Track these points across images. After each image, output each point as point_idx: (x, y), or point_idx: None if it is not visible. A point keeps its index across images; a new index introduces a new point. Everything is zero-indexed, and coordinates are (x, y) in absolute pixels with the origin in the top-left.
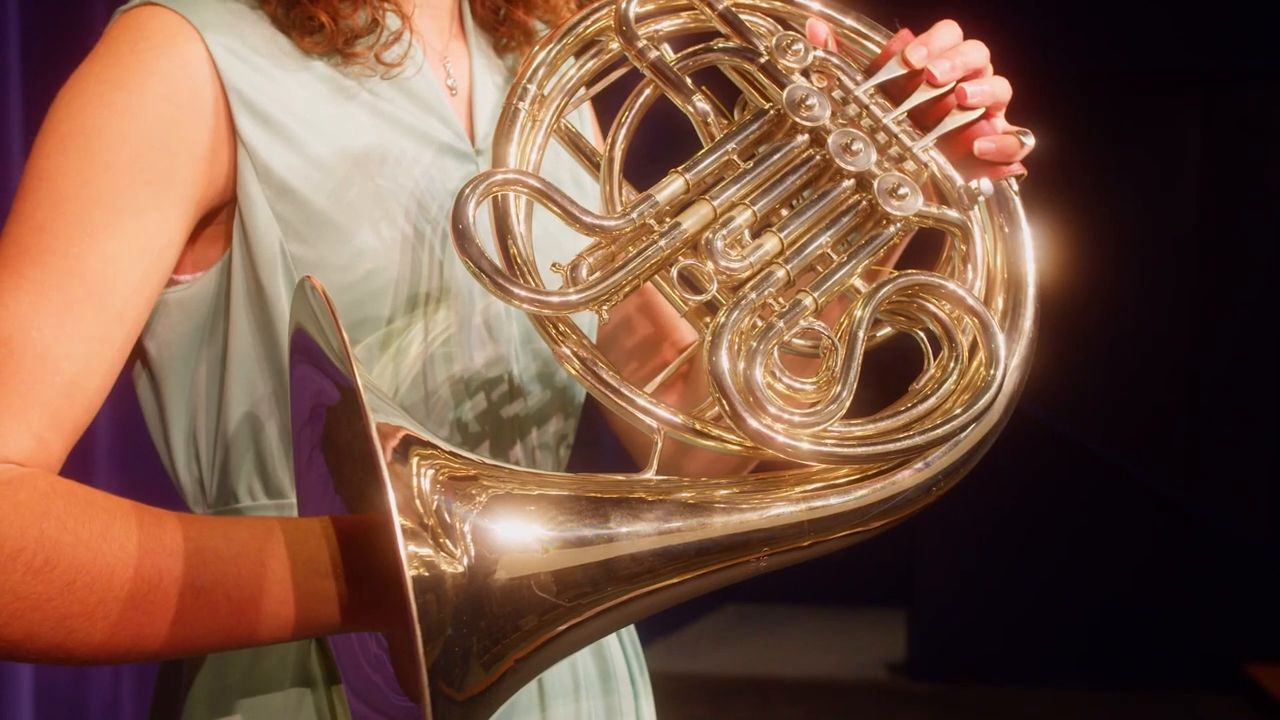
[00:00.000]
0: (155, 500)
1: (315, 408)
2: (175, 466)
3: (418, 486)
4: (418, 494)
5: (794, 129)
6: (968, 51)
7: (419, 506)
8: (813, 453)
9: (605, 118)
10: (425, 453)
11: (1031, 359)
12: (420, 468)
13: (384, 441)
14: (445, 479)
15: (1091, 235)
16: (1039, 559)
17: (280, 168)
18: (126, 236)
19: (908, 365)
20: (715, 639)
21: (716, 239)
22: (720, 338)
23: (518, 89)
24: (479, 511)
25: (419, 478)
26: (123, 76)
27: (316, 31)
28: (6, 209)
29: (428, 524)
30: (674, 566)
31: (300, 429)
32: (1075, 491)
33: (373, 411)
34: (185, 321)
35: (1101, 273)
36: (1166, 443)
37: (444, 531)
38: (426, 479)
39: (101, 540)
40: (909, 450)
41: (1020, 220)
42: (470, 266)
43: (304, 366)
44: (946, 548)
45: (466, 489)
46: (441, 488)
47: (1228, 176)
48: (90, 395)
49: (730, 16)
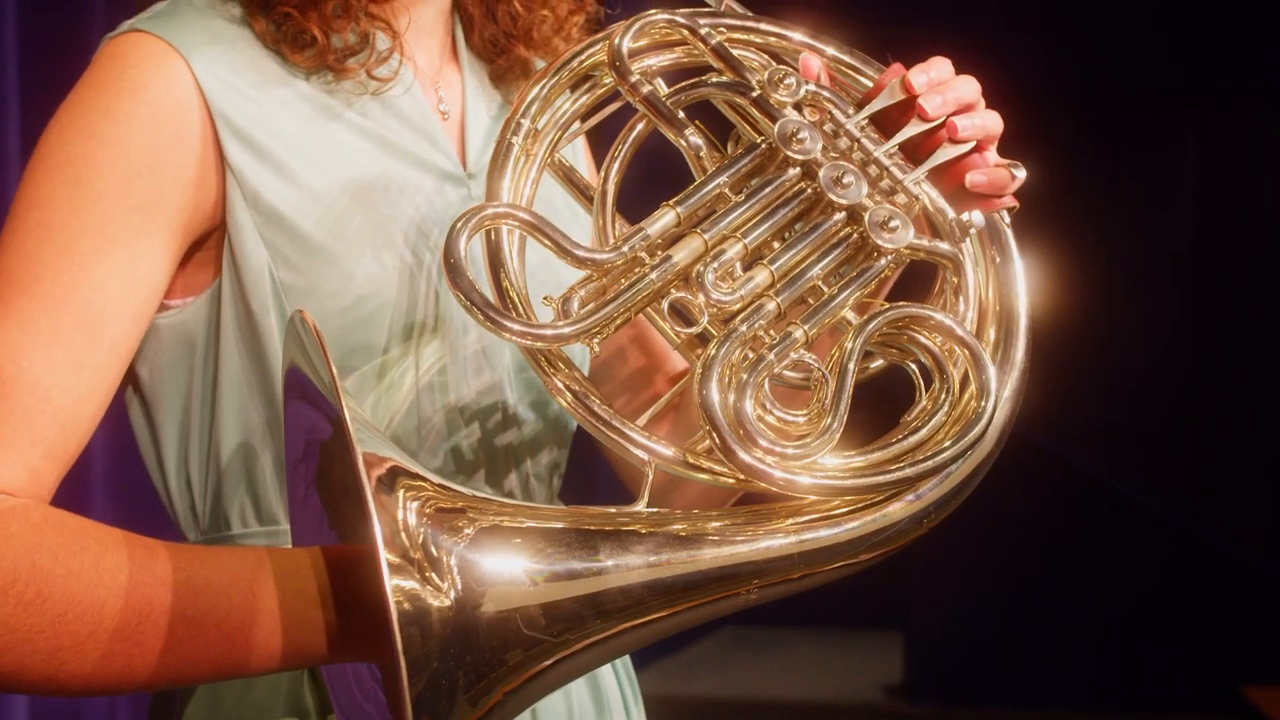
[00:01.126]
0: (151, 523)
1: (309, 445)
2: (168, 492)
3: (404, 519)
4: (404, 526)
5: (786, 162)
6: (959, 86)
7: (405, 539)
8: (802, 485)
9: (600, 150)
10: (413, 485)
11: (1024, 390)
12: (407, 500)
13: (371, 473)
14: (433, 511)
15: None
16: (1036, 581)
17: (269, 194)
18: (115, 265)
19: (909, 391)
20: (711, 662)
21: (707, 272)
22: (710, 370)
23: (511, 124)
24: (466, 544)
25: (405, 510)
26: (109, 105)
27: (308, 46)
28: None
29: (414, 557)
30: (663, 599)
31: (295, 466)
32: (1073, 513)
33: (359, 443)
34: (176, 346)
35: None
36: (1164, 464)
37: (430, 564)
38: (413, 511)
39: (93, 572)
40: (899, 482)
41: (1012, 252)
42: (462, 300)
43: (297, 403)
44: (943, 570)
45: (454, 521)
46: (428, 520)
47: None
48: (81, 424)
49: (723, 51)
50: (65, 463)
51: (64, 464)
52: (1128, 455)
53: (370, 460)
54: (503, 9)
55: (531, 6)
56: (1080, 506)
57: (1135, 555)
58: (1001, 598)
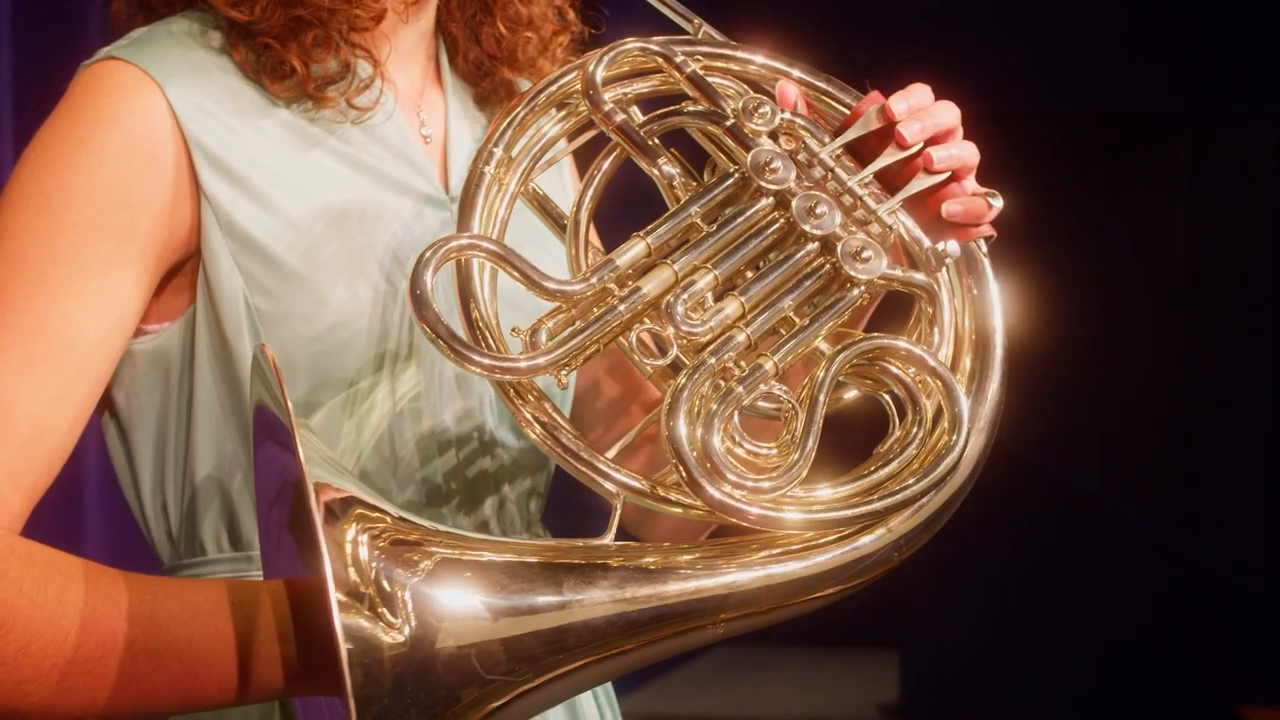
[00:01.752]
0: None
1: (281, 487)
2: (145, 516)
3: (356, 553)
4: (355, 560)
5: (759, 192)
6: (938, 113)
7: (356, 573)
8: (770, 519)
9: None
10: (370, 517)
11: (998, 421)
12: (361, 533)
13: (322, 503)
14: (387, 544)
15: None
16: (1033, 600)
17: (244, 221)
18: (89, 294)
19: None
20: (706, 681)
21: (677, 303)
22: (678, 403)
23: (483, 153)
24: (421, 578)
25: (358, 543)
26: (84, 134)
27: (288, 77)
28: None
29: (365, 592)
30: (628, 634)
31: (268, 510)
32: (1070, 532)
33: (311, 473)
34: (151, 371)
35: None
36: (1160, 484)
37: (383, 599)
38: (366, 545)
39: (57, 604)
40: (869, 515)
41: (989, 282)
42: (427, 332)
43: (268, 445)
44: (939, 588)
45: (409, 555)
46: (383, 554)
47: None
48: (52, 454)
49: (697, 80)
50: (34, 492)
51: (33, 493)
52: (1125, 475)
53: (323, 491)
54: (486, 31)
55: (515, 28)
56: (1078, 526)
57: (1133, 575)
58: (999, 617)
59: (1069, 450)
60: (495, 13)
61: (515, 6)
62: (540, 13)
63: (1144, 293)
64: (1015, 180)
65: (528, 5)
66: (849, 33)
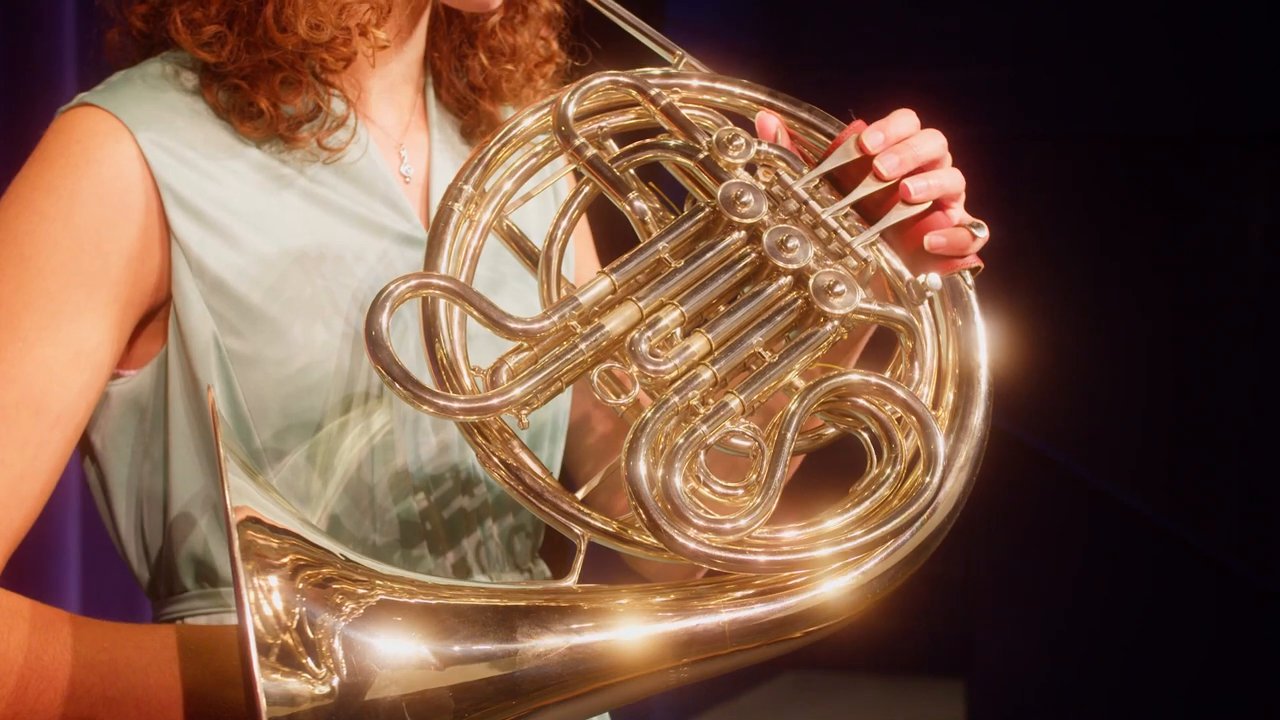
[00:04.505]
0: None
1: None
2: (126, 556)
3: (283, 596)
4: (279, 604)
5: (730, 226)
6: (919, 144)
7: (277, 619)
8: (732, 561)
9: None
10: (308, 557)
11: (980, 458)
12: (294, 577)
13: (248, 542)
14: (321, 588)
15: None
16: (1102, 630)
17: (214, 263)
18: (62, 340)
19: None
20: (773, 707)
21: (641, 340)
22: (638, 443)
23: (453, 190)
24: (355, 623)
25: (286, 587)
26: (54, 181)
27: (257, 117)
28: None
29: (283, 640)
30: (585, 679)
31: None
32: (1141, 563)
33: (236, 517)
34: (126, 414)
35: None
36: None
37: (307, 648)
38: (296, 589)
39: (19, 653)
40: (838, 556)
41: (974, 314)
42: (382, 374)
43: None
44: (1006, 617)
45: (344, 599)
46: (312, 598)
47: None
48: (26, 502)
49: (672, 112)
50: (11, 540)
51: (9, 541)
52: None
53: (248, 530)
54: (470, 62)
55: (498, 59)
56: (1150, 557)
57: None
58: (1065, 646)
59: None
60: (479, 44)
61: (499, 37)
62: (525, 43)
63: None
64: (1097, 204)
65: (512, 35)
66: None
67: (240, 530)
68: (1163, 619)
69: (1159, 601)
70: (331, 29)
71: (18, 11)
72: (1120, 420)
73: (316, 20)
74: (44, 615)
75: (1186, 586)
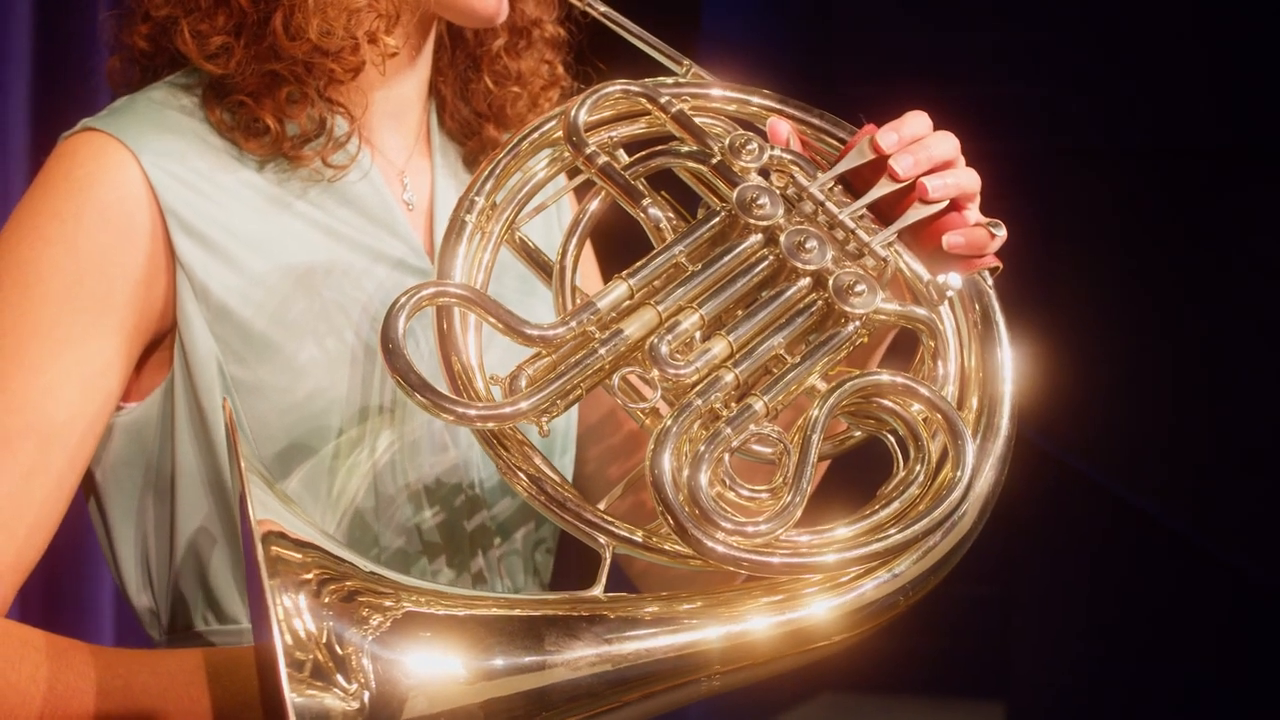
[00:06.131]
0: None
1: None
2: (128, 592)
3: (309, 614)
4: (307, 622)
5: (746, 229)
6: (934, 144)
7: (305, 637)
8: (761, 564)
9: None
10: (333, 572)
11: (1009, 456)
12: (319, 592)
13: (274, 558)
14: (348, 603)
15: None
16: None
17: (218, 288)
18: (66, 366)
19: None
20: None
21: (661, 344)
22: (662, 447)
23: (465, 201)
24: (384, 639)
25: (313, 604)
26: (58, 207)
27: (262, 134)
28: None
29: (313, 657)
30: (616, 690)
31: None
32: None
33: (261, 525)
34: (129, 445)
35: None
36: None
37: (336, 664)
38: (323, 605)
39: (30, 683)
40: (868, 558)
41: (995, 314)
42: (400, 383)
43: None
44: (1044, 636)
45: (372, 614)
46: (339, 614)
47: None
48: (35, 532)
49: (683, 119)
50: (20, 570)
51: (18, 572)
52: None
53: (273, 545)
54: (475, 87)
55: (503, 83)
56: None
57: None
58: (1105, 667)
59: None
60: (483, 68)
61: (504, 61)
62: (530, 68)
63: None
64: (1132, 218)
65: (517, 60)
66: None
67: (265, 544)
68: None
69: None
70: (341, 36)
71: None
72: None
73: (327, 27)
74: (57, 645)
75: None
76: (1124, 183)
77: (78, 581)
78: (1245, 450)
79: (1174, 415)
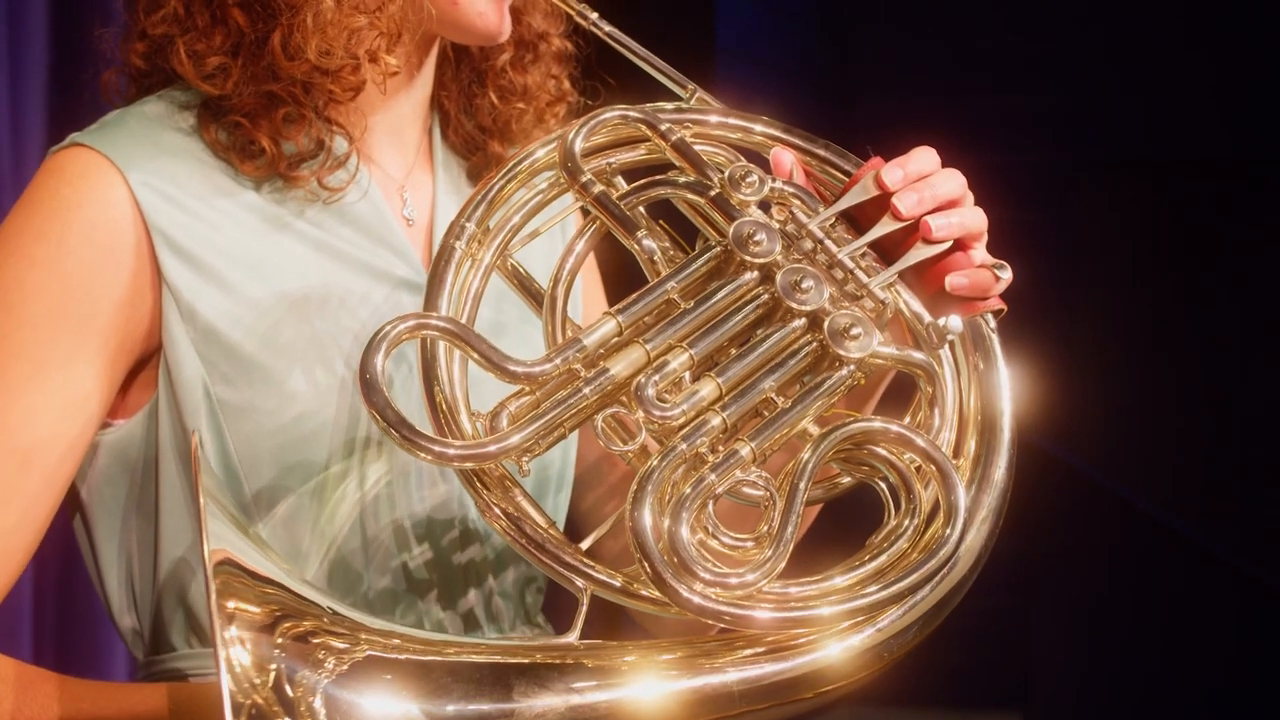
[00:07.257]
0: None
1: None
2: (112, 612)
3: (258, 655)
4: (256, 662)
5: (742, 266)
6: (940, 182)
7: (255, 675)
8: (740, 617)
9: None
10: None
11: (1003, 509)
12: (274, 630)
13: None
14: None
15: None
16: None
17: (206, 309)
18: (49, 389)
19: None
20: None
21: (648, 385)
22: (643, 492)
23: (454, 227)
24: (339, 681)
25: (266, 641)
26: (43, 226)
27: (257, 156)
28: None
29: (257, 700)
30: None
31: None
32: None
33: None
34: (113, 464)
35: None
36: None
37: (284, 707)
38: (277, 644)
39: (6, 717)
40: (853, 612)
41: (997, 359)
42: (377, 419)
43: None
44: (1064, 647)
45: (327, 655)
46: (292, 654)
47: None
48: (12, 556)
49: (683, 148)
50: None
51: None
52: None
53: (228, 577)
54: (480, 102)
55: (508, 98)
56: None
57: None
58: (1125, 678)
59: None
60: (488, 83)
61: (509, 76)
62: (536, 82)
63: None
64: (1148, 231)
65: (523, 75)
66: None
67: (217, 573)
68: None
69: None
70: (341, 56)
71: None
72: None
73: (326, 46)
74: (25, 675)
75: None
76: (1136, 194)
77: (90, 593)
78: (1270, 460)
79: (1195, 425)
